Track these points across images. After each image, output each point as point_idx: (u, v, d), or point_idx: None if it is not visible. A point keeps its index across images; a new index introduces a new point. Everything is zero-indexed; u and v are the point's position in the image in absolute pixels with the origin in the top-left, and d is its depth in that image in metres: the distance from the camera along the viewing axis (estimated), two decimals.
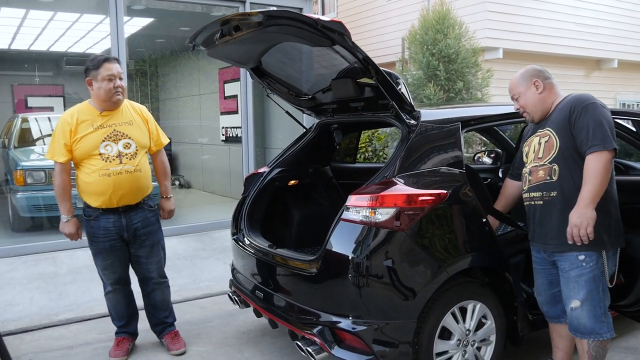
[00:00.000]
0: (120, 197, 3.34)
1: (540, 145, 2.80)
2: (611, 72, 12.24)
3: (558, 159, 2.70)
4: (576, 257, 2.67)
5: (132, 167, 3.34)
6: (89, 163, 3.29)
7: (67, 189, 3.37)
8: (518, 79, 2.87)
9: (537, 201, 2.79)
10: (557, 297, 2.87)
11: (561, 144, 2.69)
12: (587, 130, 2.59)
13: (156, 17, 8.47)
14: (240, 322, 4.16)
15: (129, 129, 3.39)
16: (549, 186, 2.73)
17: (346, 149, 4.79)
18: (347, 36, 2.65)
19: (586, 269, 2.66)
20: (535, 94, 2.81)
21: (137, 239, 3.48)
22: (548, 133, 2.76)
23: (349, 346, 2.73)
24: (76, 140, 3.27)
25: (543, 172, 2.75)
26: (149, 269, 3.59)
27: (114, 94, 3.30)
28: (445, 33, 7.51)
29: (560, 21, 10.69)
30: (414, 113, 3.08)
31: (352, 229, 2.77)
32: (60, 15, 8.16)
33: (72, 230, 3.43)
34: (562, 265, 2.74)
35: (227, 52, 3.50)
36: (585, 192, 2.56)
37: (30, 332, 4.09)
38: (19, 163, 6.68)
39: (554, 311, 2.93)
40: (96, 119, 3.33)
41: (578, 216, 2.55)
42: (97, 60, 3.30)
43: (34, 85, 10.86)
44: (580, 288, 2.67)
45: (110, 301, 3.61)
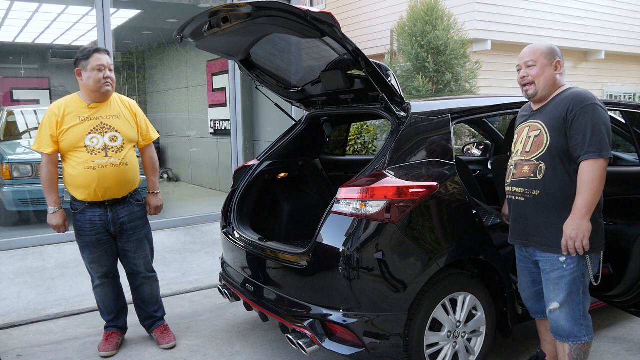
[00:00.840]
0: (105, 191, 3.31)
1: (529, 139, 2.68)
2: (598, 64, 12.33)
3: (546, 157, 2.59)
4: (557, 259, 2.60)
5: (118, 160, 3.31)
6: (75, 155, 3.27)
7: (53, 181, 3.35)
8: (544, 49, 2.66)
9: (519, 197, 2.71)
10: (541, 294, 2.81)
11: (552, 142, 2.57)
12: (584, 134, 2.47)
13: (143, 9, 8.38)
14: (231, 316, 4.15)
15: (116, 122, 3.36)
16: (532, 184, 2.63)
17: (336, 141, 4.78)
18: (337, 28, 2.64)
19: (567, 271, 2.58)
20: (553, 74, 2.64)
21: (124, 233, 3.45)
22: (539, 127, 2.64)
23: (339, 339, 2.73)
24: (62, 131, 3.25)
25: (528, 168, 2.65)
26: (136, 264, 3.57)
27: (104, 85, 3.28)
28: (434, 25, 7.51)
29: (548, 13, 10.74)
30: (404, 105, 3.08)
31: (343, 221, 2.77)
32: (45, 7, 8.05)
33: (59, 222, 3.40)
34: (543, 266, 2.68)
35: (215, 44, 3.46)
36: (580, 202, 2.46)
37: (18, 327, 4.06)
38: (5, 157, 6.60)
39: (538, 307, 2.90)
40: (83, 110, 3.30)
41: (573, 228, 2.46)
42: (87, 51, 3.29)
43: (19, 78, 10.72)
44: (560, 290, 2.61)
45: (98, 295, 3.59)
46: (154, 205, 3.67)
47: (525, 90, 2.71)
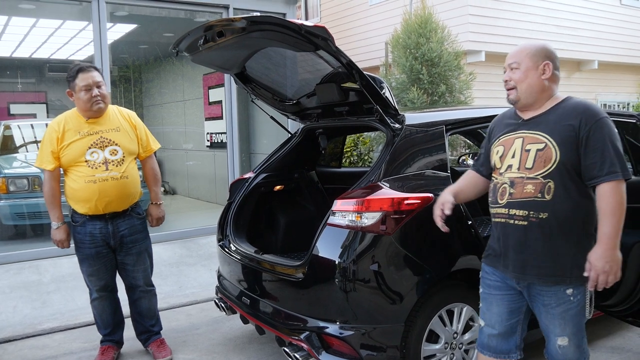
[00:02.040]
0: (107, 204, 3.32)
1: (528, 153, 2.29)
2: (591, 74, 12.42)
3: (555, 174, 2.22)
4: (564, 292, 2.27)
5: (119, 173, 3.32)
6: (76, 170, 3.28)
7: (56, 196, 3.36)
8: (530, 49, 2.36)
9: (519, 221, 2.28)
10: (514, 329, 2.44)
11: (562, 157, 2.20)
12: (602, 153, 2.15)
13: (139, 23, 8.42)
14: (227, 329, 4.13)
15: (115, 135, 3.38)
16: (539, 206, 2.24)
17: (331, 153, 4.80)
18: (331, 41, 2.66)
19: (573, 303, 2.28)
20: (540, 78, 2.31)
21: (123, 246, 3.45)
22: (544, 140, 2.25)
23: (336, 351, 2.73)
24: (63, 147, 3.27)
25: (533, 188, 2.25)
26: (135, 277, 3.56)
27: (94, 104, 3.29)
28: (428, 37, 7.56)
29: (541, 24, 10.83)
30: (399, 117, 3.10)
31: (339, 233, 2.77)
32: (42, 22, 8.09)
33: (62, 237, 3.41)
34: (547, 300, 2.31)
35: (211, 58, 3.49)
36: (610, 229, 2.13)
37: (14, 341, 4.04)
38: (1, 171, 6.60)
39: (505, 346, 2.45)
40: (82, 126, 3.32)
41: (607, 261, 2.13)
42: (72, 72, 3.31)
43: (16, 92, 10.75)
44: (567, 324, 2.31)
45: (96, 308, 3.57)
46: (156, 217, 3.67)
47: (507, 95, 2.41)
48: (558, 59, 2.40)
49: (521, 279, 2.34)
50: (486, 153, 2.53)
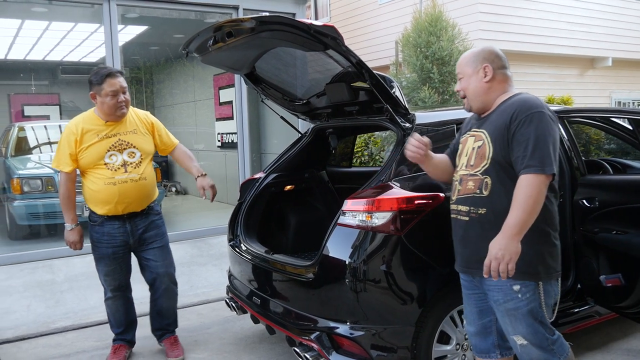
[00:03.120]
0: (126, 206, 3.35)
1: (473, 150, 2.36)
2: (605, 71, 12.29)
3: (490, 170, 2.27)
4: (510, 287, 2.25)
5: (137, 175, 3.34)
6: (95, 172, 3.30)
7: (72, 198, 3.38)
8: (468, 57, 2.41)
9: (462, 216, 2.36)
10: (488, 329, 2.48)
11: (495, 153, 2.25)
12: (526, 146, 2.16)
13: (150, 25, 8.47)
14: (238, 329, 4.14)
15: (133, 137, 3.39)
16: (477, 201, 2.30)
17: (342, 153, 4.79)
18: (340, 40, 2.65)
19: (523, 301, 2.25)
20: (481, 81, 2.35)
21: (143, 242, 3.47)
22: (482, 137, 2.32)
23: (347, 352, 2.72)
24: (81, 150, 3.28)
25: (473, 184, 2.32)
26: (159, 273, 3.55)
27: (118, 109, 3.30)
28: (438, 35, 7.53)
29: (553, 20, 10.73)
30: (409, 116, 3.08)
31: (349, 233, 2.77)
32: (55, 24, 8.16)
33: (75, 239, 3.42)
34: (495, 296, 2.31)
35: (220, 59, 3.50)
36: (512, 219, 2.13)
37: (28, 340, 4.08)
38: (15, 171, 6.67)
39: (483, 344, 2.51)
40: (101, 128, 3.32)
41: (500, 248, 2.12)
42: (100, 75, 3.26)
43: (30, 94, 10.86)
44: (519, 323, 2.29)
45: (109, 308, 3.59)
46: (209, 185, 3.50)
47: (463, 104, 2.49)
48: (502, 58, 2.40)
49: (468, 273, 2.41)
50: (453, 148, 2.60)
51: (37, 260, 5.50)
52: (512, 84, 2.42)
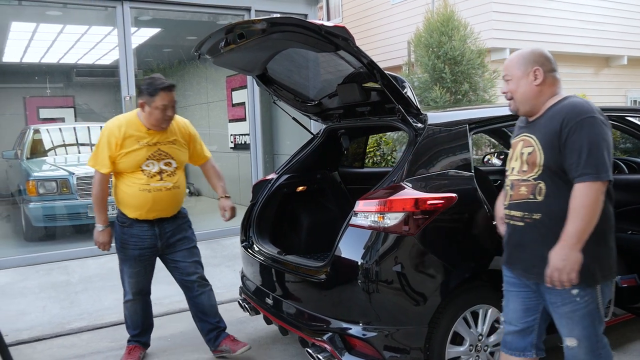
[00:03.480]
0: (158, 213, 3.36)
1: (523, 156, 2.35)
2: (620, 69, 12.16)
3: (544, 176, 2.26)
4: (568, 292, 2.24)
5: (171, 184, 3.35)
6: (131, 177, 3.30)
7: (105, 199, 3.37)
8: (518, 59, 2.37)
9: (517, 222, 2.36)
10: (531, 327, 2.45)
11: (546, 160, 2.24)
12: (579, 153, 2.13)
13: (163, 27, 8.53)
14: (251, 330, 4.15)
15: (171, 148, 3.38)
16: (532, 207, 2.29)
17: (354, 153, 4.79)
18: (351, 41, 2.65)
19: (580, 304, 2.25)
20: (531, 85, 2.32)
21: (171, 245, 3.47)
22: (532, 143, 2.30)
23: (359, 353, 2.71)
24: (121, 154, 3.26)
25: (526, 189, 2.31)
26: (189, 272, 3.54)
27: (164, 122, 3.29)
28: (450, 35, 7.49)
29: (567, 19, 10.64)
30: (421, 116, 3.07)
31: (361, 234, 2.76)
32: (69, 28, 8.25)
33: (105, 240, 3.40)
34: (552, 298, 2.31)
35: (232, 60, 3.51)
36: (572, 228, 2.13)
37: (43, 340, 4.11)
38: (31, 173, 6.75)
39: (521, 343, 2.47)
40: (143, 135, 3.30)
41: (562, 258, 2.13)
42: (153, 87, 3.21)
43: (45, 97, 11.00)
44: (575, 325, 2.28)
45: (128, 310, 3.59)
46: (230, 206, 3.57)
47: (508, 106, 2.47)
48: (552, 61, 2.37)
49: (526, 277, 2.37)
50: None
51: (52, 261, 5.56)
52: (561, 86, 2.39)
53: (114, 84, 7.90)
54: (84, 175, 6.72)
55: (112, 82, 9.31)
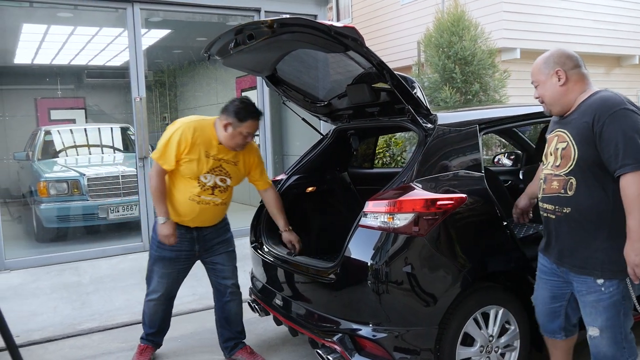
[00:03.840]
0: (199, 223, 3.36)
1: (557, 151, 2.43)
2: (632, 69, 12.05)
3: (575, 171, 2.33)
4: (594, 282, 2.35)
5: (220, 200, 3.34)
6: (186, 182, 3.26)
7: (163, 191, 3.28)
8: (540, 64, 2.45)
9: (550, 214, 2.49)
10: (557, 313, 2.63)
11: (580, 155, 2.30)
12: (616, 145, 2.18)
13: (173, 29, 8.56)
14: (261, 330, 4.15)
15: (232, 168, 3.35)
16: (562, 201, 2.40)
17: (364, 154, 4.78)
18: (361, 41, 2.64)
19: (605, 294, 2.34)
20: (556, 86, 2.40)
21: (209, 248, 3.46)
22: (566, 138, 2.38)
23: (369, 354, 2.71)
24: (185, 160, 3.20)
25: (557, 184, 2.41)
26: (225, 276, 3.53)
27: (238, 147, 3.27)
28: (461, 35, 7.46)
29: (578, 19, 10.57)
30: (431, 117, 3.05)
31: (371, 235, 2.75)
32: (80, 29, 8.30)
33: (169, 232, 3.27)
34: (579, 287, 2.43)
35: (242, 61, 3.52)
36: (633, 222, 2.18)
37: (54, 341, 4.14)
38: (42, 175, 6.80)
39: (550, 326, 2.69)
40: (211, 147, 3.25)
41: (635, 254, 2.19)
42: (244, 113, 3.19)
43: (56, 99, 11.07)
44: (599, 314, 2.37)
45: (149, 309, 3.55)
46: (296, 240, 3.54)
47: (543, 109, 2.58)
48: (574, 58, 2.44)
49: (559, 265, 2.51)
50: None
51: (63, 262, 5.59)
52: (590, 81, 2.45)
53: (124, 85, 7.95)
54: (95, 176, 6.77)
55: (122, 83, 9.37)
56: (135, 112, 6.00)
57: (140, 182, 6.08)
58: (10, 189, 8.72)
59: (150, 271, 3.49)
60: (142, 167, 6.02)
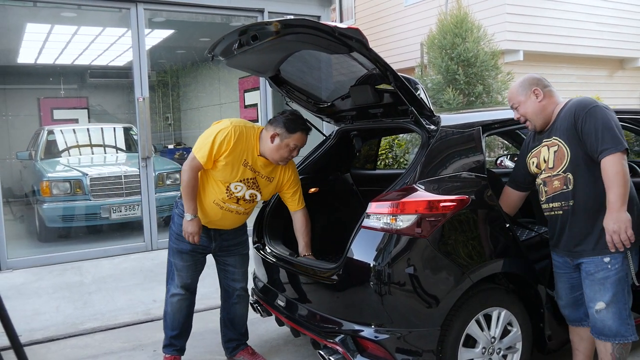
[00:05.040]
0: (218, 226, 3.34)
1: (549, 156, 2.77)
2: (635, 71, 12.04)
3: (571, 167, 2.68)
4: (601, 260, 2.65)
5: (243, 209, 3.31)
6: (214, 184, 3.20)
7: (195, 188, 3.16)
8: (517, 88, 2.86)
9: (557, 211, 2.77)
10: (579, 301, 2.85)
11: (572, 152, 2.67)
12: (595, 135, 2.57)
13: (176, 29, 8.58)
14: (263, 331, 4.16)
15: (266, 184, 3.29)
16: (566, 195, 2.72)
17: (366, 155, 4.78)
18: (365, 43, 2.64)
19: (612, 271, 2.64)
20: (536, 103, 2.79)
21: (225, 248, 3.44)
22: (557, 142, 2.73)
23: (371, 355, 2.70)
24: (222, 162, 3.12)
25: (558, 182, 2.74)
26: (235, 279, 3.52)
27: (281, 161, 3.20)
28: (464, 37, 7.46)
29: (581, 21, 10.56)
30: (434, 118, 3.06)
31: (373, 236, 2.75)
32: (83, 29, 8.33)
33: (195, 230, 3.16)
34: (588, 267, 2.70)
35: (245, 62, 3.51)
36: (612, 196, 2.54)
37: (57, 341, 4.15)
38: (44, 174, 6.82)
39: (575, 315, 2.91)
40: (251, 155, 3.18)
41: (614, 221, 2.53)
42: (294, 125, 3.14)
43: (59, 98, 11.10)
44: (606, 290, 2.65)
45: (172, 306, 3.43)
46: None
47: (527, 127, 2.91)
48: (542, 79, 2.88)
49: (571, 256, 2.78)
50: (522, 165, 3.00)
51: (65, 262, 5.61)
52: (559, 95, 2.86)
53: (127, 85, 7.98)
54: (98, 176, 6.79)
55: (125, 83, 9.40)
56: (138, 112, 6.01)
57: (142, 182, 6.10)
58: (12, 188, 8.73)
59: (170, 267, 3.43)
60: (145, 167, 6.03)
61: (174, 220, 3.37)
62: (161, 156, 8.89)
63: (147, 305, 4.74)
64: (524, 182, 3.01)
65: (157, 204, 6.20)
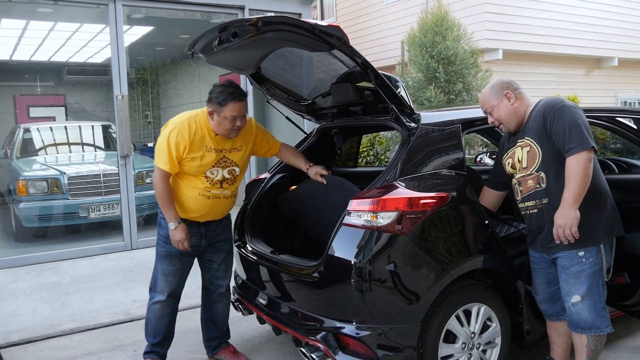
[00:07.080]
0: (211, 217, 3.33)
1: (523, 156, 2.84)
2: (611, 71, 12.24)
3: (543, 166, 2.75)
4: (576, 254, 2.73)
5: (229, 192, 3.31)
6: (193, 180, 3.20)
7: (170, 196, 3.17)
8: (489, 93, 2.90)
9: (532, 210, 2.85)
10: (556, 296, 2.92)
11: (543, 151, 2.74)
12: (563, 134, 2.64)
13: (156, 25, 8.50)
14: (244, 329, 4.14)
15: (237, 155, 3.30)
16: (540, 194, 2.79)
17: (347, 153, 4.78)
18: (345, 40, 2.65)
19: (586, 264, 2.72)
20: (508, 106, 2.85)
21: (213, 244, 3.42)
22: (529, 142, 2.81)
23: (353, 351, 2.71)
24: (187, 159, 3.13)
25: (532, 181, 2.81)
26: (218, 276, 3.50)
27: (232, 132, 3.17)
28: (444, 35, 7.52)
29: (560, 21, 10.70)
30: (414, 116, 3.07)
31: (354, 233, 2.76)
32: (60, 25, 8.20)
33: (182, 237, 3.17)
34: (563, 262, 2.78)
35: (226, 59, 3.50)
36: (567, 193, 2.62)
37: (34, 342, 4.08)
38: (21, 173, 6.70)
39: (552, 309, 2.97)
40: (210, 140, 3.18)
41: (562, 217, 2.62)
42: (223, 96, 3.07)
43: (35, 96, 10.92)
44: (581, 284, 2.73)
45: (154, 313, 3.37)
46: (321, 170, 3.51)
47: (501, 130, 2.99)
48: (512, 82, 2.94)
49: (546, 252, 2.85)
50: (498, 165, 3.09)
51: (43, 262, 5.52)
52: (529, 96, 2.93)
53: (105, 83, 7.88)
54: (76, 175, 6.69)
55: (103, 80, 9.29)
56: (117, 110, 5.94)
57: (122, 181, 6.03)
58: None
59: (155, 273, 3.39)
60: (124, 165, 5.96)
61: (161, 224, 3.33)
62: (141, 154, 8.79)
63: (127, 305, 4.69)
64: (501, 182, 3.08)
65: (136, 203, 6.12)
